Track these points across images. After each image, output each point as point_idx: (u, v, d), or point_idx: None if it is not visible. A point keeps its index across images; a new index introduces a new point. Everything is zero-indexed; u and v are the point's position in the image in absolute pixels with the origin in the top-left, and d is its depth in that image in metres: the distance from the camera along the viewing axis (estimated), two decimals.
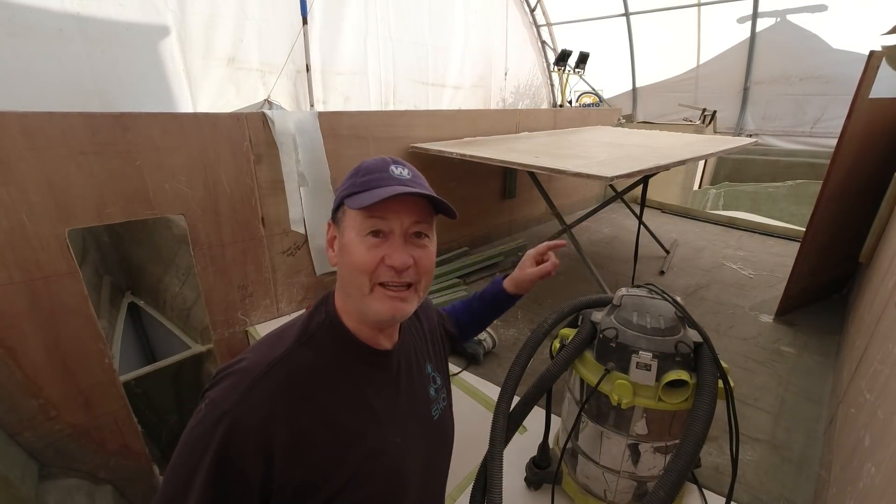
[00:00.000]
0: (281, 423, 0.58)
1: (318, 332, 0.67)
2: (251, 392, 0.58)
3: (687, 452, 0.83)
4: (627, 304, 1.10)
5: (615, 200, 3.03)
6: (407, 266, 0.63)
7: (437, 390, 0.83)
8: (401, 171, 0.66)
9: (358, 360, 0.69)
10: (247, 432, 0.56)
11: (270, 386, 0.59)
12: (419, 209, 0.64)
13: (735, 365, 1.93)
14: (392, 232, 0.63)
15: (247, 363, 0.62)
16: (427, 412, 0.79)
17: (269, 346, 0.65)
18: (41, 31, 2.93)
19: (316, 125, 2.15)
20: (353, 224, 0.64)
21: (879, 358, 1.17)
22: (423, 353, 0.83)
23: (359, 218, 0.63)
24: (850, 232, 2.29)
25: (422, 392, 0.79)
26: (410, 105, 5.57)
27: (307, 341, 0.66)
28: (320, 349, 0.66)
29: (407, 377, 0.76)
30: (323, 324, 0.68)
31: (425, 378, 0.81)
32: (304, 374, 0.63)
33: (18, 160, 1.40)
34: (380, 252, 0.62)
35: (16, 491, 1.36)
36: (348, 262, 0.64)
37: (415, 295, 0.66)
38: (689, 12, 6.07)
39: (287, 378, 0.61)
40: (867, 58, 1.84)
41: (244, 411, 0.57)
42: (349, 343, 0.68)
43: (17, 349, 1.47)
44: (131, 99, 3.41)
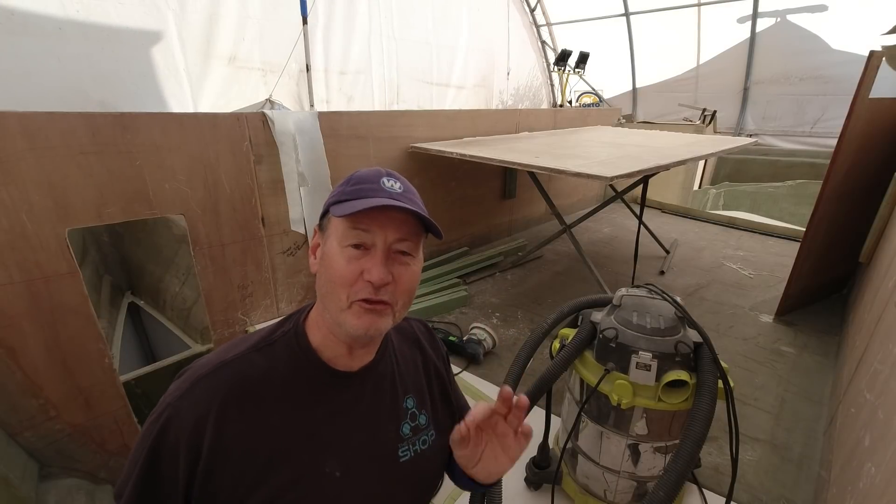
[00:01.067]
0: (212, 423, 0.57)
1: (279, 342, 0.65)
2: (193, 389, 0.59)
3: (687, 452, 0.83)
4: (627, 304, 1.10)
5: (615, 200, 3.03)
6: (385, 283, 0.59)
7: (416, 429, 0.73)
8: (392, 183, 0.63)
9: (313, 379, 0.65)
10: (181, 427, 0.57)
11: (212, 385, 0.59)
12: (406, 226, 0.61)
13: (735, 365, 1.93)
14: (374, 246, 0.60)
15: (202, 360, 0.63)
16: (390, 451, 0.69)
17: (229, 347, 0.65)
18: (41, 31, 2.93)
19: (316, 125, 2.15)
20: (336, 233, 0.61)
21: (879, 358, 1.17)
22: (405, 384, 0.74)
23: (342, 227, 0.60)
24: (850, 232, 2.29)
25: (388, 427, 0.70)
26: (414, 105, 5.57)
27: (264, 348, 0.64)
28: (275, 359, 0.63)
29: (369, 406, 0.68)
30: (287, 334, 0.66)
31: (398, 412, 0.72)
32: (250, 380, 0.61)
33: (18, 160, 1.40)
34: (359, 265, 0.59)
35: (16, 491, 1.36)
36: (328, 272, 0.61)
37: (391, 313, 0.62)
38: (689, 12, 6.07)
39: (230, 381, 0.60)
40: (867, 58, 1.84)
41: (183, 406, 0.57)
42: (307, 359, 0.65)
43: (17, 349, 1.47)
44: (131, 99, 3.41)
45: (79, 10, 3.06)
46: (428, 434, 0.75)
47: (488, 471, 0.70)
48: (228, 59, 3.94)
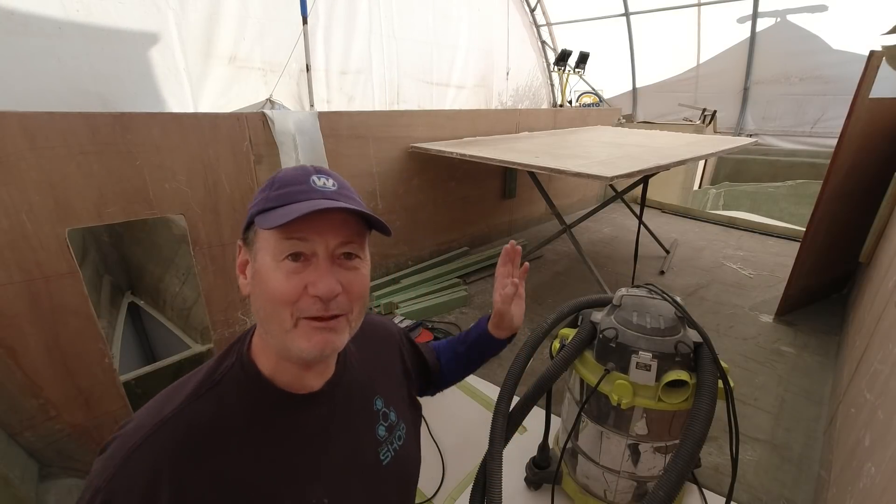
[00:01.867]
0: (167, 494, 0.49)
1: (225, 379, 0.57)
2: (127, 463, 0.49)
3: (687, 452, 0.83)
4: (627, 304, 1.10)
5: (615, 200, 3.03)
6: (334, 294, 0.53)
7: (390, 428, 0.71)
8: (325, 181, 0.56)
9: (274, 410, 0.58)
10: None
11: (151, 453, 0.50)
12: (347, 226, 0.54)
13: (735, 365, 1.93)
14: (315, 255, 0.53)
15: (132, 425, 0.53)
16: (372, 459, 0.67)
17: (163, 400, 0.55)
18: (41, 31, 2.93)
19: (316, 125, 2.15)
20: (266, 246, 0.53)
21: (879, 358, 1.17)
22: (370, 386, 0.71)
23: (273, 239, 0.52)
24: (850, 232, 2.29)
25: (366, 435, 0.67)
26: (415, 104, 5.57)
27: (208, 392, 0.55)
28: (224, 401, 0.55)
29: (343, 420, 0.64)
30: (232, 369, 0.58)
31: (372, 416, 0.69)
32: (200, 432, 0.53)
33: (18, 160, 1.40)
34: (301, 279, 0.52)
35: (16, 491, 1.36)
36: (264, 291, 0.53)
37: (346, 325, 0.56)
38: (689, 12, 6.07)
39: (175, 440, 0.51)
40: (867, 58, 1.84)
41: (119, 488, 0.48)
42: (262, 391, 0.57)
43: (17, 349, 1.47)
44: (131, 98, 3.41)
45: (79, 10, 3.05)
46: (400, 428, 0.73)
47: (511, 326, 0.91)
48: (228, 59, 3.94)
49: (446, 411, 1.74)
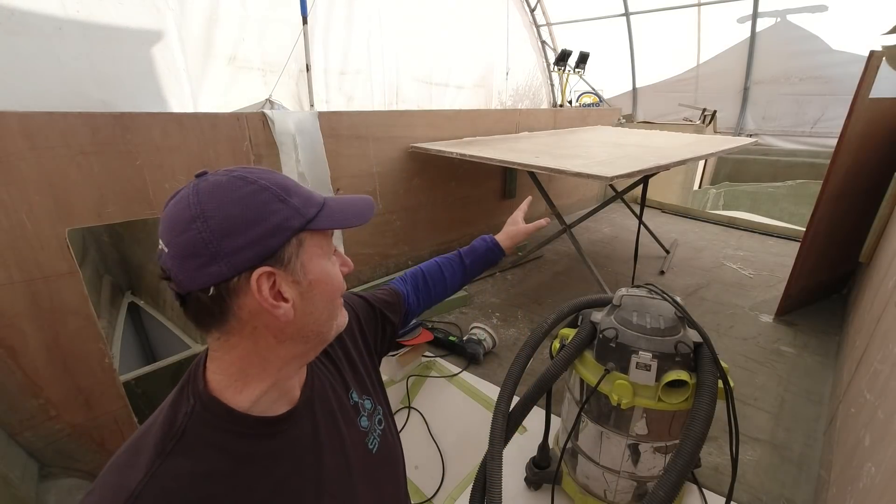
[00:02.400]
0: None
1: (189, 426, 0.50)
2: None
3: (687, 452, 0.83)
4: (627, 304, 1.10)
5: (615, 200, 3.03)
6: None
7: (370, 415, 0.72)
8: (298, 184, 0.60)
9: (255, 440, 0.54)
10: None
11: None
12: None
13: (735, 365, 1.93)
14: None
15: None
16: (363, 452, 0.68)
17: (123, 470, 0.48)
18: (41, 31, 2.93)
19: (316, 125, 2.15)
20: (318, 250, 0.54)
21: (879, 358, 1.17)
22: (340, 381, 0.71)
23: (321, 240, 0.54)
24: (850, 232, 2.29)
25: (352, 433, 0.68)
26: (414, 105, 5.57)
27: (175, 446, 0.49)
28: (196, 449, 0.50)
29: (328, 425, 0.64)
30: (193, 412, 0.51)
31: (351, 412, 0.69)
32: (184, 494, 0.47)
33: (18, 160, 1.40)
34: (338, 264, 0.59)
35: (16, 491, 1.36)
36: (329, 293, 0.55)
37: None
38: (689, 12, 6.07)
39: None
40: (867, 58, 1.84)
41: None
42: (236, 424, 0.53)
43: (17, 349, 1.47)
44: (131, 98, 3.41)
45: (79, 10, 3.05)
46: (378, 413, 0.76)
47: (514, 234, 1.15)
48: (228, 59, 3.94)
49: (446, 411, 1.74)
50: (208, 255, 0.47)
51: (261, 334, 0.52)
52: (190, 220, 0.47)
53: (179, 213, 0.49)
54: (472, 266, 1.09)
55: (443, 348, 2.03)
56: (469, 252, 1.10)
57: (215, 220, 0.47)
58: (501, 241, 1.12)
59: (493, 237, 1.12)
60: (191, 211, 0.48)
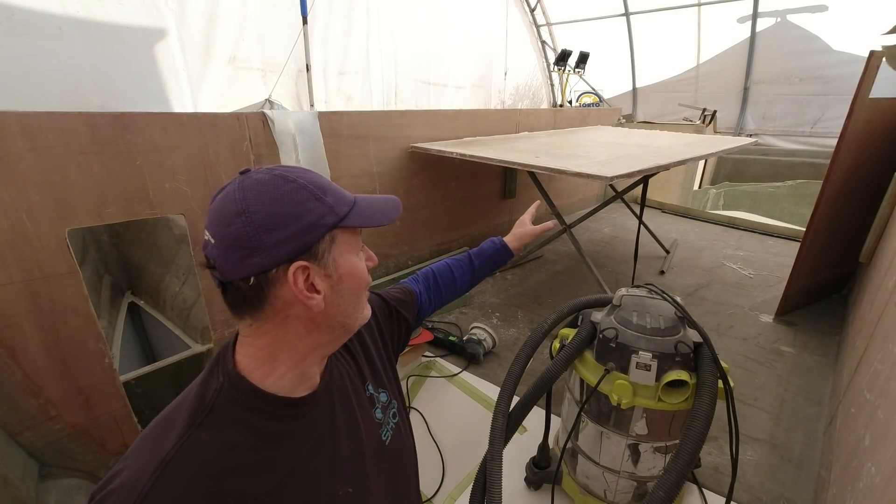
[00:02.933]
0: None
1: (218, 402, 0.54)
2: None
3: (687, 452, 0.83)
4: (627, 304, 1.10)
5: (615, 200, 3.03)
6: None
7: (385, 408, 0.74)
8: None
9: (279, 420, 0.57)
10: None
11: (165, 498, 0.46)
12: None
13: (735, 365, 1.93)
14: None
15: (128, 474, 0.48)
16: (377, 442, 0.71)
17: (156, 439, 0.51)
18: (41, 30, 2.93)
19: (316, 125, 2.15)
20: (348, 248, 0.59)
21: (879, 358, 1.17)
22: (357, 373, 0.74)
23: (351, 238, 0.59)
24: (850, 232, 2.29)
25: (366, 422, 0.70)
26: (412, 105, 5.57)
27: (204, 419, 0.52)
28: (225, 424, 0.53)
29: (345, 412, 0.66)
30: (222, 389, 0.55)
31: (366, 402, 0.72)
32: (210, 464, 0.50)
33: (18, 160, 1.40)
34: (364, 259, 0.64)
35: (16, 491, 1.36)
36: (356, 286, 0.60)
37: None
38: (689, 12, 6.07)
39: (187, 479, 0.48)
40: (867, 58, 1.84)
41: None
42: (262, 403, 0.56)
43: (17, 349, 1.47)
44: (131, 98, 3.41)
45: (79, 10, 3.05)
46: (393, 406, 0.78)
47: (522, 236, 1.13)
48: (228, 59, 3.94)
49: (446, 411, 1.74)
50: (251, 248, 0.51)
51: (291, 323, 0.56)
52: (235, 214, 0.52)
53: (226, 208, 0.53)
54: (481, 267, 1.11)
55: (443, 348, 2.03)
56: (478, 253, 1.11)
57: (258, 216, 0.52)
58: (510, 242, 1.13)
59: (501, 238, 1.13)
60: (236, 206, 0.52)
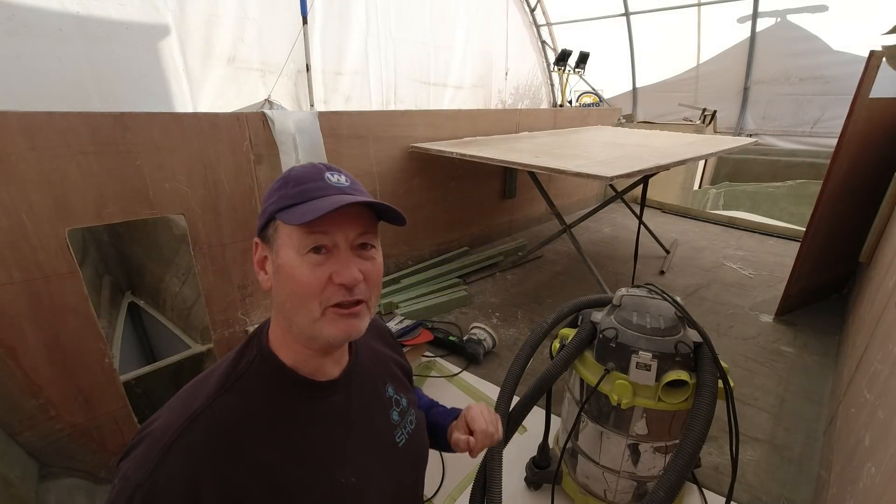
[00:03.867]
0: (207, 488, 0.51)
1: (248, 372, 0.59)
2: (166, 459, 0.51)
3: (687, 452, 0.83)
4: (627, 304, 1.10)
5: (615, 200, 3.03)
6: (357, 282, 0.57)
7: (402, 413, 0.75)
8: (338, 178, 0.60)
9: (299, 399, 0.61)
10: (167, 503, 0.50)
11: (189, 447, 0.52)
12: (363, 218, 0.59)
13: (735, 365, 1.93)
14: (336, 246, 0.57)
15: (160, 423, 0.55)
16: (390, 440, 0.71)
17: (189, 396, 0.57)
18: (41, 31, 2.93)
19: (316, 125, 2.15)
20: (289, 242, 0.57)
21: (879, 358, 1.17)
22: (380, 375, 0.75)
23: (296, 234, 0.56)
24: (850, 232, 2.29)
25: (382, 419, 0.71)
26: (411, 105, 5.56)
27: (233, 385, 0.58)
28: (250, 392, 0.58)
29: (361, 406, 0.68)
30: (254, 361, 0.60)
31: (385, 402, 0.73)
32: (232, 425, 0.55)
33: (18, 160, 1.40)
34: (326, 270, 0.56)
35: (16, 490, 1.36)
36: (290, 285, 0.56)
37: (367, 311, 0.60)
38: (689, 12, 6.07)
39: (210, 434, 0.53)
40: (867, 58, 1.84)
41: (160, 483, 0.50)
42: (286, 380, 0.60)
43: (17, 349, 1.47)
44: (131, 98, 3.41)
45: (79, 10, 3.06)
46: (411, 413, 0.77)
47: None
48: (227, 60, 3.94)
49: None
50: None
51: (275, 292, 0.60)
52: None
53: None
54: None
55: (443, 348, 2.03)
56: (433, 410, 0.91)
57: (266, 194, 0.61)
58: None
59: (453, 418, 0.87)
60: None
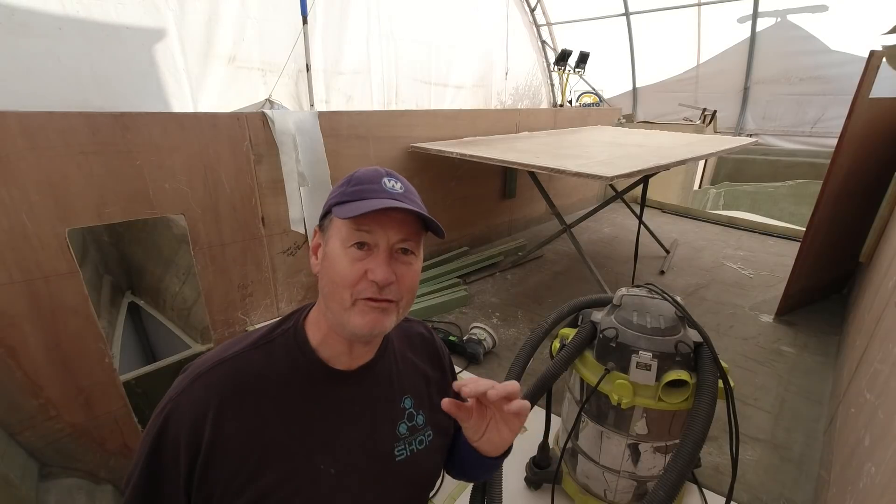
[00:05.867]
0: (210, 420, 0.59)
1: (278, 340, 0.66)
2: (192, 385, 0.61)
3: (687, 452, 0.83)
4: (627, 303, 1.10)
5: (615, 200, 3.03)
6: (389, 282, 0.60)
7: (413, 429, 0.73)
8: (394, 184, 0.64)
9: (310, 377, 0.66)
10: (180, 421, 0.59)
11: (211, 382, 0.61)
12: (408, 225, 0.62)
13: (735, 365, 1.93)
14: (377, 245, 0.61)
15: (203, 357, 0.65)
16: (386, 450, 0.70)
17: (229, 344, 0.66)
18: (41, 30, 2.93)
19: (316, 125, 2.15)
20: (338, 234, 0.62)
21: (879, 358, 1.17)
22: (401, 384, 0.74)
23: (345, 228, 0.61)
24: (850, 232, 2.29)
25: (385, 427, 0.71)
26: (413, 105, 5.56)
27: (264, 345, 0.66)
28: (273, 357, 0.65)
29: (367, 406, 0.69)
30: (287, 332, 0.67)
31: (397, 412, 0.72)
32: (247, 377, 0.63)
33: (18, 160, 1.40)
34: (363, 266, 0.60)
35: (16, 490, 1.36)
36: (330, 272, 0.62)
37: (395, 310, 0.63)
38: (689, 12, 6.07)
39: (228, 378, 0.62)
40: (867, 58, 1.84)
41: (182, 402, 0.60)
42: (305, 357, 0.66)
43: (18, 349, 1.47)
44: (131, 98, 3.41)
45: (79, 9, 3.05)
46: (425, 434, 0.75)
47: (493, 443, 0.69)
48: (228, 59, 3.94)
49: None
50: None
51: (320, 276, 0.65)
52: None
53: None
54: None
55: None
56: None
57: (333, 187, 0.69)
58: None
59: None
60: None
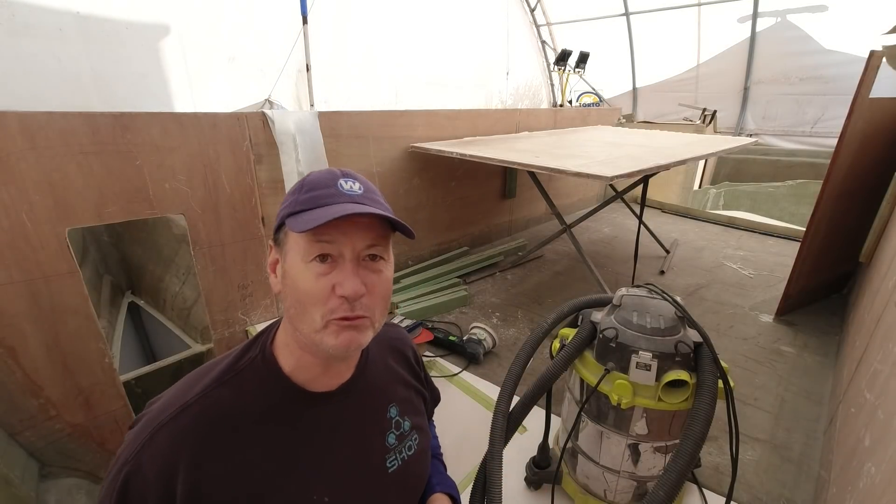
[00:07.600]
0: (183, 473, 0.53)
1: (247, 370, 0.61)
2: (152, 441, 0.54)
3: (687, 452, 0.83)
4: (627, 303, 1.10)
5: (615, 200, 3.03)
6: (359, 295, 0.55)
7: (401, 437, 0.71)
8: (352, 184, 0.59)
9: (289, 404, 0.61)
10: (145, 483, 0.52)
11: (174, 432, 0.54)
12: (373, 229, 0.57)
13: (735, 365, 1.93)
14: (342, 256, 0.55)
15: (158, 405, 0.58)
16: (378, 464, 0.68)
17: (189, 384, 0.60)
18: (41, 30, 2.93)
19: (316, 125, 2.15)
20: (296, 248, 0.56)
21: (879, 358, 1.17)
22: (385, 394, 0.72)
23: (303, 241, 0.55)
24: (850, 232, 2.29)
25: (375, 441, 0.68)
26: (413, 104, 5.57)
27: (231, 379, 0.59)
28: (244, 391, 0.59)
29: (353, 422, 0.66)
30: (254, 361, 0.61)
31: (383, 424, 0.70)
32: (218, 420, 0.57)
33: (18, 160, 1.40)
34: (329, 280, 0.55)
35: (16, 490, 1.36)
36: (295, 292, 0.56)
37: (370, 325, 0.59)
38: (689, 12, 6.07)
39: (195, 423, 0.55)
40: (867, 57, 1.84)
41: (144, 459, 0.53)
42: (280, 386, 0.61)
43: (18, 349, 1.47)
44: (132, 98, 3.41)
45: (79, 10, 3.06)
46: (412, 438, 0.73)
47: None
48: (228, 59, 3.95)
49: (446, 411, 1.73)
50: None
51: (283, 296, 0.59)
52: None
53: None
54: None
55: (443, 348, 2.03)
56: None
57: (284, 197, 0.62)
58: None
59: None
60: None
